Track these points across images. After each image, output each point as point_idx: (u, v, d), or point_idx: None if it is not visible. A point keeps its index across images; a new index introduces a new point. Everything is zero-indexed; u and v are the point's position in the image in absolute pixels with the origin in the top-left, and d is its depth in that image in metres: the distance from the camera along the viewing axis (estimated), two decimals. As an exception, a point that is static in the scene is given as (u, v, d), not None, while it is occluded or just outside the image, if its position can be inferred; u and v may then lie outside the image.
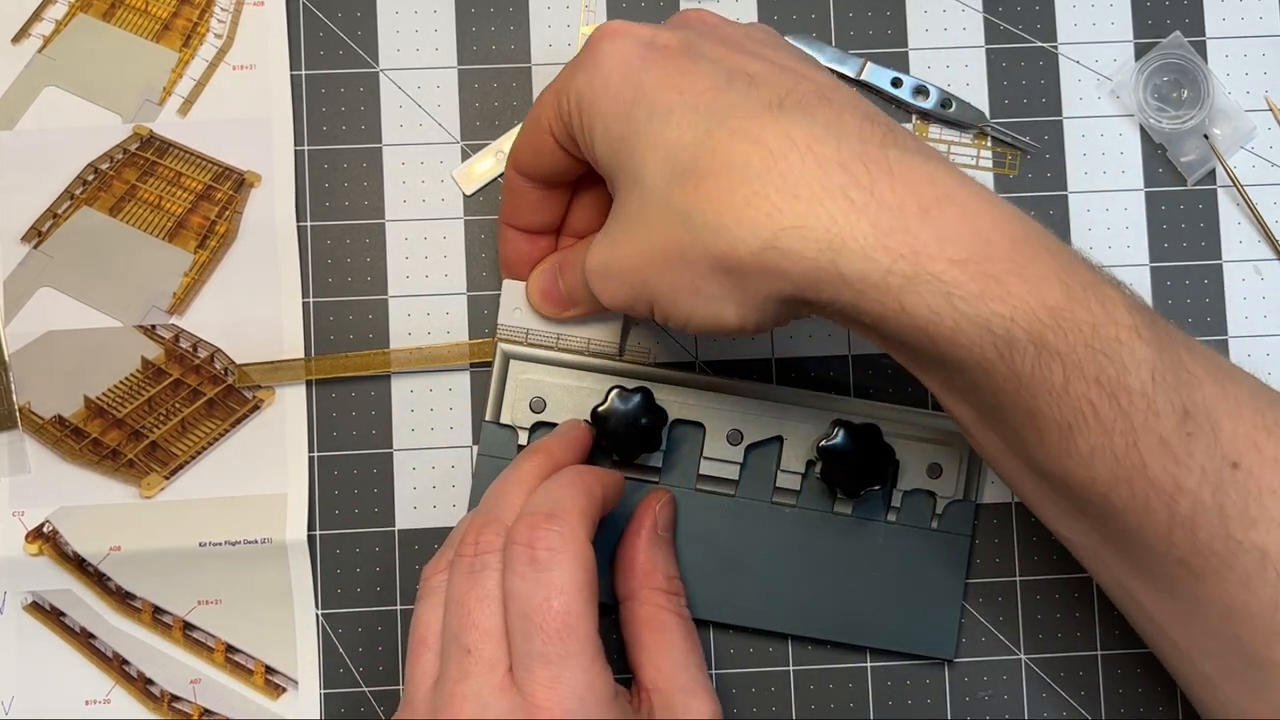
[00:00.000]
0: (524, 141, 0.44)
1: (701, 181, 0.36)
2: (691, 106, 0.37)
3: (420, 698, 0.40)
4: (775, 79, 0.38)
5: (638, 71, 0.38)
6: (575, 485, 0.41)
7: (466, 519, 0.43)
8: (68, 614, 0.48)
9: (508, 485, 0.43)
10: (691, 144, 0.37)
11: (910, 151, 0.36)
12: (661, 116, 0.37)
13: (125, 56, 0.50)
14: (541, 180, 0.44)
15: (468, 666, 0.38)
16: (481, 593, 0.39)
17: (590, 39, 0.40)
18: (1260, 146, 0.51)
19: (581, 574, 0.39)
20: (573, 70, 0.40)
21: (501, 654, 0.38)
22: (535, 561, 0.38)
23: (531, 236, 0.46)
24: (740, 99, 0.37)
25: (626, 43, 0.39)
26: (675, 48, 0.39)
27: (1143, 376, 0.35)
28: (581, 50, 0.41)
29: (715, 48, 0.39)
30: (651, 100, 0.38)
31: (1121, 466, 0.35)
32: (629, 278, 0.39)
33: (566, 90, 0.40)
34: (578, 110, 0.40)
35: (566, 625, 0.38)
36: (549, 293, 0.47)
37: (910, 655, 0.48)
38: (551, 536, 0.39)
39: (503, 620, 0.39)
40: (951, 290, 0.34)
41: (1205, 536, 0.36)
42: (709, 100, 0.37)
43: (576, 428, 0.46)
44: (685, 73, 0.38)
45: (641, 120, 0.38)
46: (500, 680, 0.38)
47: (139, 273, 0.49)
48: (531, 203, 0.45)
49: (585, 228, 0.46)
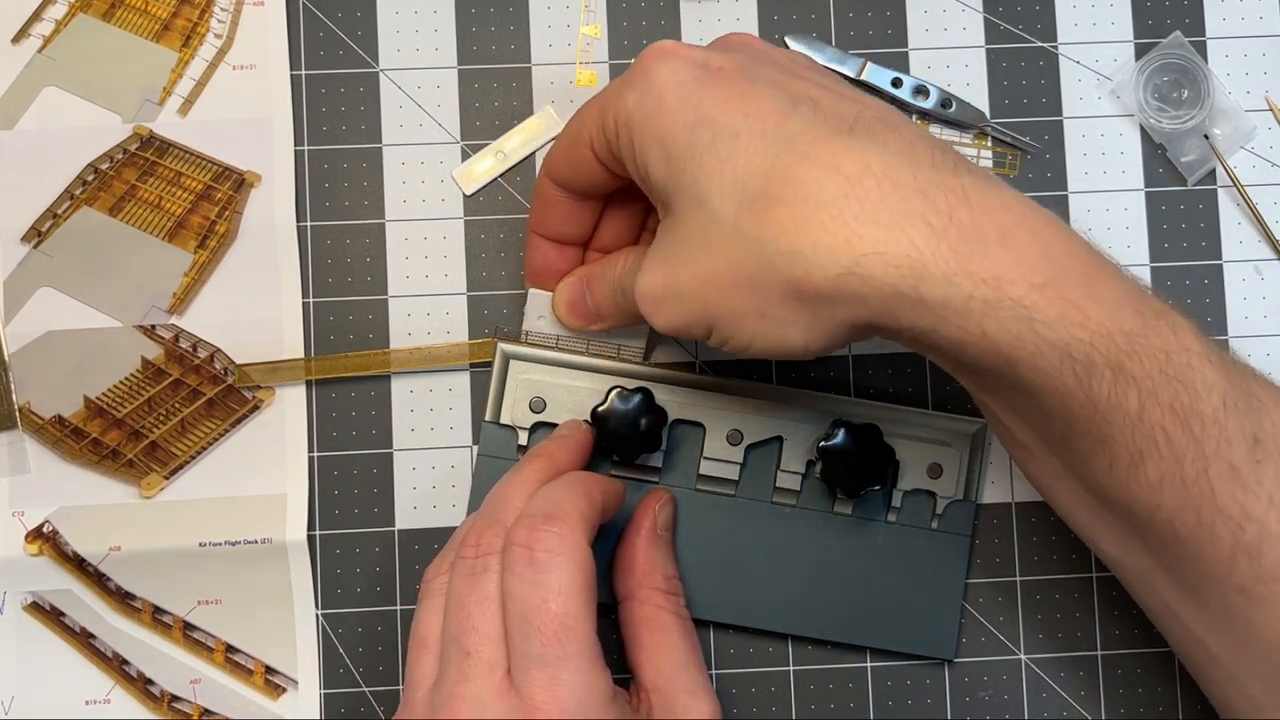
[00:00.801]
0: (561, 153, 0.43)
1: (773, 207, 0.36)
2: (758, 131, 0.37)
3: (419, 699, 0.40)
4: (837, 105, 0.38)
5: (696, 93, 0.38)
6: (576, 489, 0.41)
7: (468, 521, 0.43)
8: (68, 614, 0.48)
9: (509, 488, 0.43)
10: (761, 169, 0.36)
11: (981, 179, 0.36)
12: (727, 140, 0.37)
13: (125, 56, 0.50)
14: (576, 191, 0.44)
15: (467, 669, 0.38)
16: (482, 595, 0.39)
17: (642, 58, 0.39)
18: (1260, 146, 0.51)
19: (580, 576, 0.39)
20: (621, 88, 0.40)
21: (500, 656, 0.38)
22: (534, 563, 0.38)
23: (560, 247, 0.46)
24: (807, 125, 0.37)
25: (680, 64, 0.39)
26: (731, 70, 0.38)
27: (1214, 403, 0.35)
28: (632, 69, 0.40)
29: (770, 71, 0.39)
30: (714, 123, 0.37)
31: (1190, 494, 0.36)
32: (690, 303, 0.38)
33: (614, 108, 0.40)
34: (627, 129, 0.39)
35: (565, 627, 0.38)
36: (576, 305, 0.46)
37: (910, 655, 0.48)
38: (550, 538, 0.39)
39: (502, 622, 0.39)
40: (1033, 315, 0.34)
41: (1269, 564, 0.36)
42: (775, 125, 0.37)
43: (578, 430, 0.46)
44: (746, 95, 0.38)
45: (705, 143, 0.37)
46: (499, 683, 0.38)
47: (139, 273, 0.49)
48: (563, 213, 0.45)
49: (613, 242, 0.46)
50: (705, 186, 0.37)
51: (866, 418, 0.47)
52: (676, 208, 0.39)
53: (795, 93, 0.38)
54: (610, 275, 0.44)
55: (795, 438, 0.48)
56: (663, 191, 0.39)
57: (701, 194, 0.37)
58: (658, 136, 0.38)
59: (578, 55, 0.51)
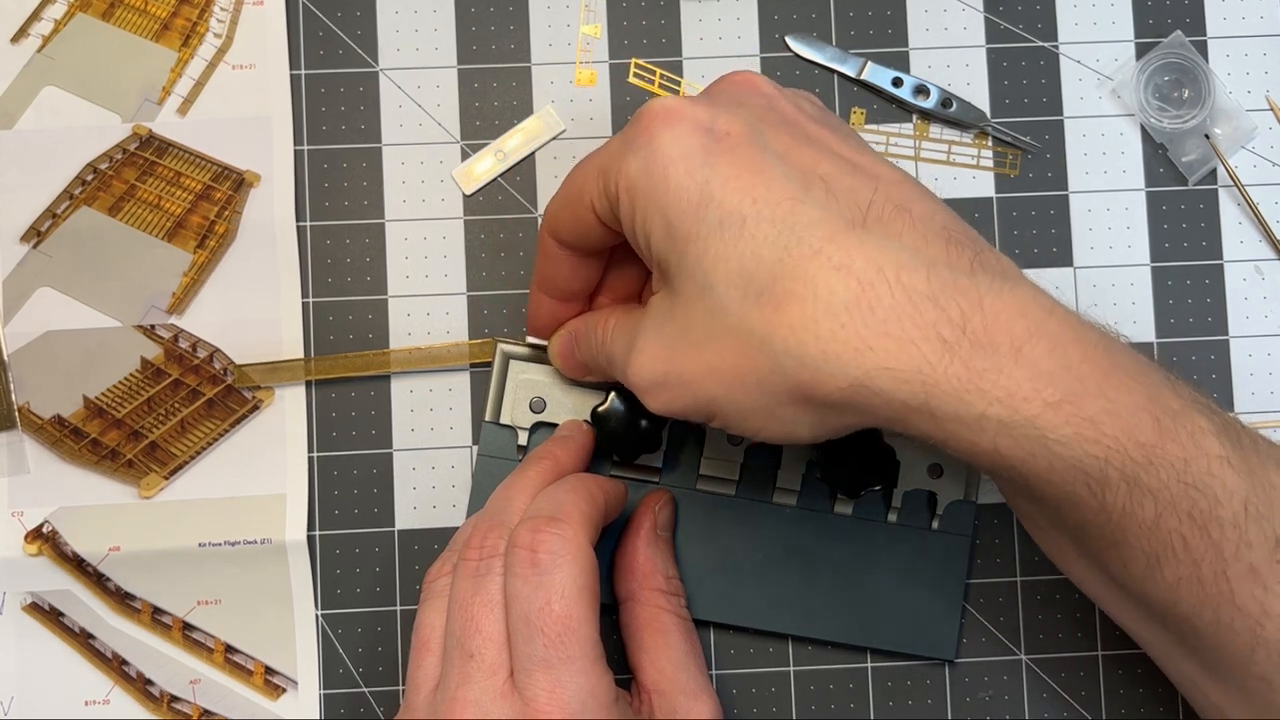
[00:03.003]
0: (562, 211, 0.42)
1: (782, 304, 0.35)
2: (768, 218, 0.35)
3: (420, 701, 0.40)
4: (849, 184, 0.36)
5: (703, 168, 0.36)
6: (578, 490, 0.41)
7: (470, 522, 0.43)
8: (67, 614, 0.48)
9: (512, 490, 0.42)
10: (770, 261, 0.35)
11: (997, 276, 0.35)
12: (735, 227, 0.35)
13: (124, 56, 0.50)
14: (579, 249, 0.43)
15: (469, 671, 0.38)
16: (485, 597, 0.39)
17: (644, 120, 0.37)
18: (1261, 146, 0.51)
19: (583, 577, 0.39)
20: (624, 150, 0.38)
21: (503, 659, 0.38)
22: (537, 565, 0.38)
23: (564, 303, 0.45)
24: (819, 213, 0.35)
25: (686, 130, 0.37)
26: (738, 135, 0.37)
27: (1235, 508, 0.35)
28: (634, 130, 0.38)
29: (779, 135, 0.37)
30: (722, 205, 0.36)
31: (1207, 593, 0.35)
32: (691, 390, 0.37)
33: (616, 171, 0.38)
34: (629, 196, 0.38)
35: (567, 628, 0.38)
36: (567, 358, 0.46)
37: (911, 655, 0.48)
38: (553, 540, 0.39)
39: (505, 625, 0.39)
40: (1047, 434, 0.34)
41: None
42: (786, 212, 0.35)
43: (579, 431, 0.46)
44: (757, 174, 0.36)
45: (711, 226, 0.36)
46: (502, 685, 0.38)
47: (138, 272, 0.49)
48: (567, 270, 0.44)
49: (617, 296, 0.45)
50: (709, 272, 0.36)
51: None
52: (677, 286, 0.37)
53: (806, 169, 0.37)
54: (595, 338, 0.43)
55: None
56: (663, 264, 0.38)
57: (706, 279, 0.36)
58: (661, 210, 0.37)
59: (578, 55, 0.51)
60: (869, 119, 0.50)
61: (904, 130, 0.50)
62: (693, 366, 0.37)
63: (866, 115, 0.50)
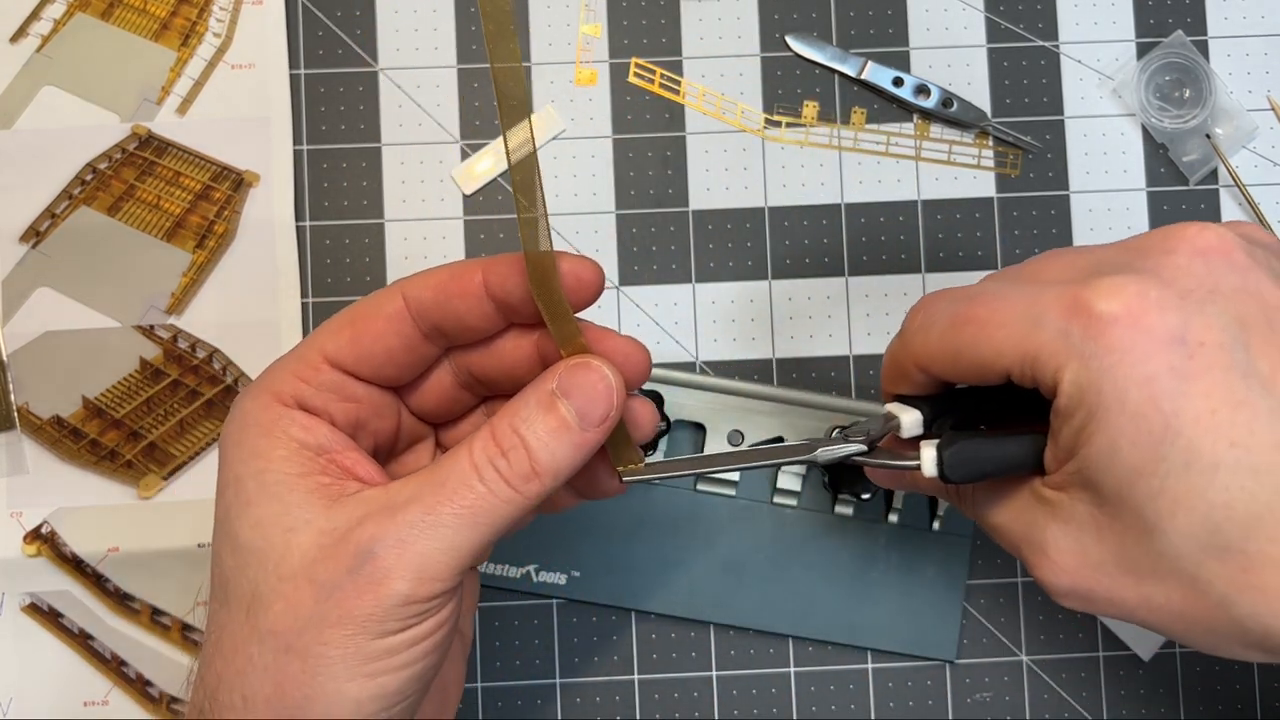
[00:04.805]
0: (945, 355, 0.35)
1: (1253, 567, 0.31)
2: (1248, 469, 0.31)
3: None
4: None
5: (1171, 397, 0.31)
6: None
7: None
8: (66, 615, 0.48)
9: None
10: (1244, 517, 0.31)
11: None
12: (1204, 473, 0.31)
13: (123, 56, 0.50)
14: (933, 385, 0.38)
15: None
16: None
17: (1102, 315, 0.31)
18: (1262, 146, 0.51)
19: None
20: (1065, 338, 0.32)
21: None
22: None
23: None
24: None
25: (1153, 347, 0.31)
26: (1214, 347, 0.31)
27: None
28: (1084, 316, 0.32)
29: (1266, 349, 0.31)
30: (1190, 446, 0.31)
31: None
32: (1118, 613, 0.34)
33: (1056, 364, 0.32)
34: (1070, 401, 0.32)
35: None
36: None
37: (911, 656, 0.48)
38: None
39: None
40: None
41: None
42: (1272, 464, 0.30)
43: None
44: (1238, 409, 0.31)
45: (1175, 466, 0.31)
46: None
47: (137, 273, 0.49)
48: (909, 389, 0.38)
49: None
50: (1162, 515, 0.31)
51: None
52: (1112, 511, 0.33)
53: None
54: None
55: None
56: (1093, 479, 0.32)
57: (1155, 517, 0.32)
58: (1110, 433, 0.32)
59: (578, 54, 0.50)
60: (869, 119, 0.50)
61: (905, 130, 0.50)
62: (1127, 596, 0.33)
63: (867, 115, 0.50)
